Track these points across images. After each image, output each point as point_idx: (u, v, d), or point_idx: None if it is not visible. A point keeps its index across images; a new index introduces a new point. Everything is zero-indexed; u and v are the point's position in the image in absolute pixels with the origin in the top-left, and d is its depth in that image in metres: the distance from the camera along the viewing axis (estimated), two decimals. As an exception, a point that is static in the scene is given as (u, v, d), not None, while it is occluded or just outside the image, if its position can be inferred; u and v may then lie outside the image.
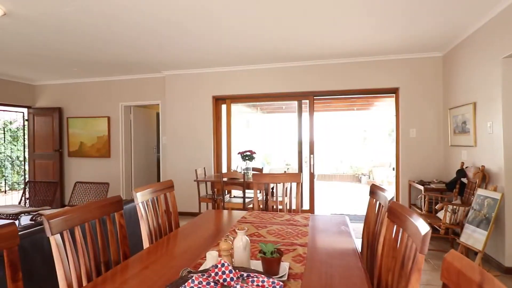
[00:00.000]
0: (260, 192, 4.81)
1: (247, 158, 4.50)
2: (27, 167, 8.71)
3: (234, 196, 4.64)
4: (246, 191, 4.07)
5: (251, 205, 4.38)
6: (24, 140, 6.27)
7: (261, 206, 2.52)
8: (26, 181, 6.19)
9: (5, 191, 7.59)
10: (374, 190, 1.74)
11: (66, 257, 1.18)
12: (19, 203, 4.52)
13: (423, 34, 3.59)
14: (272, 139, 9.07)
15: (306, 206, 5.02)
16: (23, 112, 6.18)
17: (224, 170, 5.34)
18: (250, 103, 5.76)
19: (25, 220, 4.62)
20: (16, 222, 3.87)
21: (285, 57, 4.54)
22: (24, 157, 6.27)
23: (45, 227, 1.14)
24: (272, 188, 4.29)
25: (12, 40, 3.63)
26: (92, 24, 3.18)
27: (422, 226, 0.93)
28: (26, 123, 6.19)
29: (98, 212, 1.39)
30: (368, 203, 1.80)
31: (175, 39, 3.68)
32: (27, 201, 4.62)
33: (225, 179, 4.21)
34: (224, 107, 5.33)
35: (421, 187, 3.94)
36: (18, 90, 5.88)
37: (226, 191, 4.87)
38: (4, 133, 8.23)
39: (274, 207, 2.50)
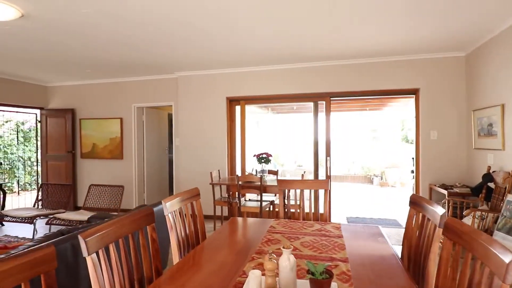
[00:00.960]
0: (275, 195, 4.73)
1: (263, 160, 4.41)
2: (39, 168, 8.77)
3: (250, 200, 4.55)
4: (263, 194, 3.99)
5: (267, 209, 4.30)
6: (36, 141, 6.27)
7: (277, 210, 2.43)
8: (39, 183, 6.20)
9: (18, 192, 7.61)
10: (417, 202, 1.64)
11: (102, 277, 1.10)
12: (34, 205, 4.50)
13: (446, 33, 3.46)
14: (283, 140, 8.97)
15: (321, 209, 4.92)
16: (35, 114, 6.18)
17: (238, 172, 5.26)
18: (262, 104, 5.66)
19: (40, 223, 4.60)
20: (31, 225, 3.85)
21: (302, 58, 4.44)
22: (37, 158, 6.27)
23: (81, 247, 1.06)
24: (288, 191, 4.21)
25: (28, 41, 3.60)
26: (106, 26, 3.12)
27: (504, 253, 0.83)
28: (39, 124, 6.18)
29: (131, 227, 1.32)
30: (408, 214, 1.70)
31: (188, 40, 3.60)
32: (39, 202, 4.60)
33: (240, 182, 4.13)
34: (238, 108, 5.25)
35: (444, 191, 3.81)
36: (31, 91, 5.87)
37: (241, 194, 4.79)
38: (17, 134, 8.27)
39: (297, 212, 2.41)
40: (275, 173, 4.83)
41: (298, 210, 2.37)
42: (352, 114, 10.03)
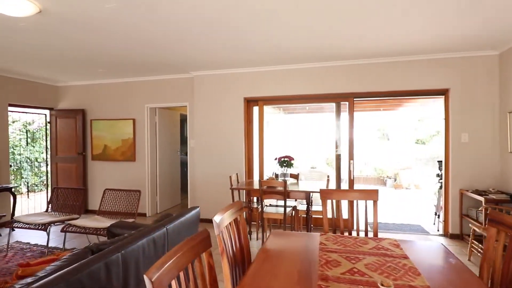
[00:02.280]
0: (295, 200, 4.54)
1: (285, 164, 4.22)
2: (47, 169, 8.60)
3: (270, 205, 4.37)
4: (280, 200, 3.80)
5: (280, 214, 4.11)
6: (46, 143, 6.09)
7: (303, 216, 2.24)
8: (48, 185, 6.03)
9: (28, 195, 7.45)
10: (499, 220, 1.44)
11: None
12: (46, 210, 4.33)
13: (478, 31, 3.26)
14: (296, 141, 8.77)
15: (345, 215, 4.73)
16: (45, 114, 6.00)
17: (256, 176, 5.07)
18: (276, 105, 5.46)
19: (55, 229, 4.43)
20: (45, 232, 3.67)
21: (325, 57, 4.24)
22: (46, 160, 6.09)
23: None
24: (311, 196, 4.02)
25: (42, 39, 3.41)
26: (127, 22, 2.93)
27: None
28: (48, 125, 6.01)
29: (191, 255, 1.13)
30: (488, 234, 1.50)
31: (206, 37, 3.40)
32: (49, 205, 4.43)
33: (263, 187, 3.93)
34: (255, 109, 5.05)
35: (479, 198, 3.61)
36: (41, 91, 5.70)
37: (258, 199, 4.61)
38: (27, 135, 8.11)
39: (335, 221, 2.21)
40: (295, 176, 4.64)
41: (319, 217, 2.17)
42: (364, 115, 9.82)
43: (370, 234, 3.15)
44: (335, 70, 4.52)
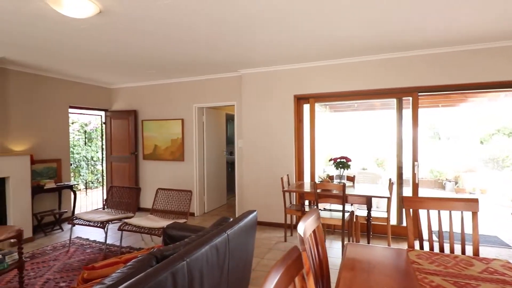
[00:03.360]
0: (351, 205, 4.21)
1: (341, 166, 3.92)
2: (100, 168, 9.12)
3: (324, 209, 4.09)
4: (335, 204, 3.50)
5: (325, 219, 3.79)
6: (102, 142, 6.39)
7: (362, 223, 1.93)
8: (104, 182, 6.32)
9: (86, 192, 7.93)
10: None
11: None
12: (103, 207, 4.47)
13: None
14: (344, 140, 8.32)
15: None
16: (100, 115, 6.30)
17: (306, 177, 4.82)
18: (323, 103, 5.11)
19: (111, 226, 4.57)
20: (103, 230, 3.76)
21: (385, 48, 3.85)
22: (102, 159, 6.39)
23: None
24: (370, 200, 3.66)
25: (101, 42, 3.49)
26: (182, 22, 2.85)
27: None
28: (103, 126, 6.30)
29: (287, 279, 0.93)
30: None
31: (255, 33, 3.23)
32: (106, 203, 4.57)
33: (318, 190, 3.67)
34: (306, 107, 4.79)
35: None
36: (97, 93, 5.98)
37: (311, 202, 4.35)
38: (85, 135, 8.66)
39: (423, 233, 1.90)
40: (351, 179, 4.30)
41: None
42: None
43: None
44: (396, 62, 4.11)
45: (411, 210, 1.89)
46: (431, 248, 1.83)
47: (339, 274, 1.41)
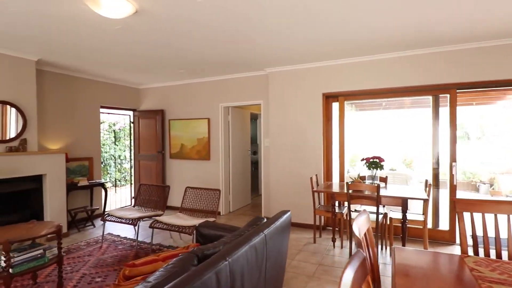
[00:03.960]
0: (383, 207, 4.06)
1: (373, 166, 3.78)
2: (127, 166, 9.36)
3: (356, 210, 3.96)
4: (367, 205, 3.37)
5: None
6: (130, 141, 6.55)
7: (395, 225, 1.80)
8: (132, 180, 6.46)
9: (115, 190, 8.15)
10: None
11: None
12: (134, 205, 4.56)
13: None
14: (370, 139, 8.09)
15: (444, 226, 4.09)
16: (129, 115, 6.45)
17: (335, 178, 4.70)
18: (357, 101, 4.95)
19: (141, 225, 4.65)
20: (135, 227, 3.83)
21: (421, 42, 3.68)
22: (130, 157, 6.55)
23: None
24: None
25: (134, 43, 3.55)
26: (214, 20, 2.84)
27: None
28: (131, 125, 6.44)
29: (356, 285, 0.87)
30: None
31: (281, 30, 3.16)
32: (136, 200, 4.65)
33: (350, 191, 3.56)
34: (335, 105, 4.68)
35: None
36: (126, 93, 6.12)
37: (341, 203, 4.24)
38: (115, 134, 8.93)
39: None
40: (383, 179, 4.15)
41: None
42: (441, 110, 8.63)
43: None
44: (433, 57, 3.92)
45: (463, 213, 1.76)
46: (487, 254, 1.70)
47: (393, 280, 1.33)
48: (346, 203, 4.40)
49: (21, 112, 3.97)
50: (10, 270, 2.40)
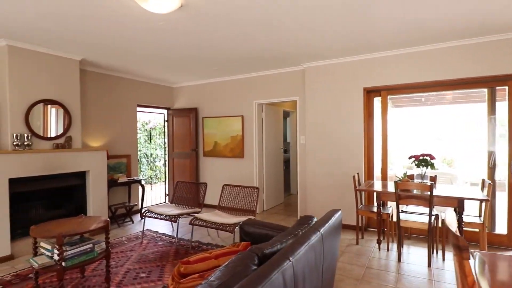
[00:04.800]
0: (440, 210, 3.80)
1: (423, 164, 3.54)
2: (159, 164, 9.55)
3: (402, 211, 3.73)
4: (416, 206, 3.14)
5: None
6: (164, 139, 6.65)
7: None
8: (171, 180, 6.56)
9: (151, 187, 8.34)
10: None
11: None
12: (171, 202, 4.60)
13: None
14: (409, 137, 7.70)
15: (501, 229, 3.76)
16: (163, 113, 6.54)
17: (376, 176, 4.48)
18: (402, 95, 4.66)
19: (183, 221, 4.68)
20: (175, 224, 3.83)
21: (475, 30, 3.38)
22: (165, 155, 6.65)
23: None
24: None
25: (174, 38, 3.54)
26: (255, 12, 2.75)
27: None
28: (165, 123, 6.53)
29: None
30: None
31: (327, 21, 3.00)
32: (173, 197, 4.68)
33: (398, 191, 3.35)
34: (376, 100, 4.45)
35: None
36: (160, 92, 6.21)
37: (385, 203, 4.02)
38: (150, 133, 9.15)
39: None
40: (432, 179, 3.88)
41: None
42: (476, 106, 8.02)
43: None
44: (489, 46, 3.60)
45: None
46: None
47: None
48: (389, 203, 4.19)
49: (66, 110, 4.11)
50: (63, 264, 2.44)
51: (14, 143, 3.58)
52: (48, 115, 3.97)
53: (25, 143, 3.66)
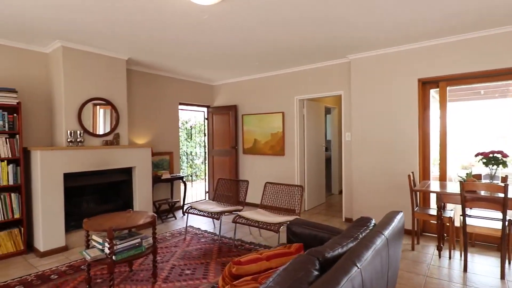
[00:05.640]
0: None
1: (493, 162, 3.12)
2: (198, 162, 9.72)
3: (467, 215, 3.33)
4: (484, 209, 2.75)
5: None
6: (204, 137, 6.70)
7: None
8: (213, 178, 6.60)
9: (192, 184, 8.51)
10: None
11: None
12: (213, 199, 4.58)
13: None
14: (466, 134, 7.01)
15: None
16: (203, 111, 6.59)
17: (434, 176, 4.07)
18: (456, 86, 4.17)
19: (224, 219, 4.64)
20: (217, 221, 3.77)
21: None
22: (205, 153, 6.70)
23: None
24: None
25: (217, 34, 3.48)
26: (298, 7, 2.58)
27: None
28: (205, 121, 6.58)
29: None
30: None
31: (367, 11, 2.71)
32: (214, 194, 4.65)
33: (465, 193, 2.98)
34: (432, 92, 4.05)
35: None
36: (200, 90, 6.25)
37: (444, 205, 3.62)
38: (191, 131, 9.36)
39: None
40: (503, 179, 3.42)
41: None
42: None
43: None
44: None
45: None
46: None
47: None
48: (448, 206, 3.78)
49: (115, 108, 4.24)
50: (113, 257, 2.47)
51: (68, 140, 3.76)
52: (97, 113, 4.12)
53: (78, 140, 3.83)
